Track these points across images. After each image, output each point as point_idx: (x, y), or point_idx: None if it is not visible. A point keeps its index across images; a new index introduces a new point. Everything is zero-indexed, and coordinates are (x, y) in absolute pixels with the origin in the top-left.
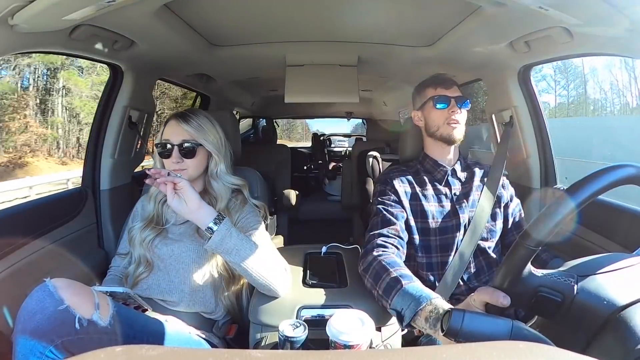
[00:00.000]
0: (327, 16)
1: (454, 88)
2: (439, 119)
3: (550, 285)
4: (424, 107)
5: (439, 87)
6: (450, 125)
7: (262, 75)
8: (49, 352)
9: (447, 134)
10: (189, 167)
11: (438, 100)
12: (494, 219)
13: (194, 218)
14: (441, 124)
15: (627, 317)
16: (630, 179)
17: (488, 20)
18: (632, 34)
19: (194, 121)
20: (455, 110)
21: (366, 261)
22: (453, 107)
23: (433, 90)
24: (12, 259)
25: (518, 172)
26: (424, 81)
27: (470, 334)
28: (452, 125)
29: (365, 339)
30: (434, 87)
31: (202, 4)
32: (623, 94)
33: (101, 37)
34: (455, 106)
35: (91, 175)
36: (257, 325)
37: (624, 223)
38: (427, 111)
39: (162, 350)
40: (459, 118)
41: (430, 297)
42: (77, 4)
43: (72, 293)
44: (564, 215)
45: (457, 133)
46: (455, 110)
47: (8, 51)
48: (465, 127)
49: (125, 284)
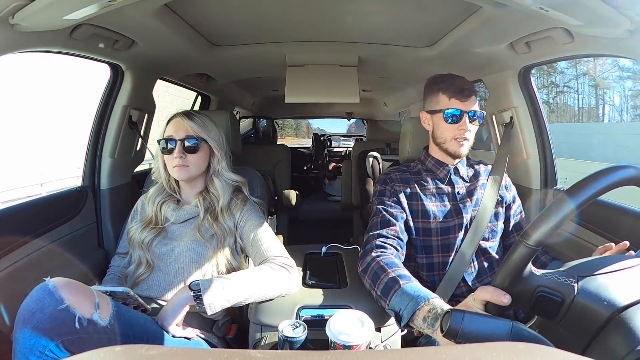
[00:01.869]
0: (327, 16)
1: (470, 99)
2: (447, 132)
3: (551, 285)
4: (434, 114)
5: (453, 98)
6: (458, 141)
7: (262, 75)
8: (48, 351)
9: (452, 150)
10: (191, 164)
11: (450, 115)
12: (496, 219)
13: (176, 302)
14: (449, 139)
15: (628, 317)
16: (630, 180)
17: (488, 21)
18: (632, 35)
19: (197, 118)
20: (465, 128)
21: (365, 262)
22: (464, 125)
23: (447, 99)
24: (12, 258)
25: (518, 172)
26: (438, 79)
27: (469, 335)
28: (459, 142)
29: (364, 340)
30: (448, 96)
31: (202, 4)
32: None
33: (102, 37)
34: (467, 123)
35: (91, 175)
36: (256, 325)
37: (625, 224)
38: (436, 119)
39: (161, 350)
40: (469, 135)
41: (429, 296)
42: (78, 3)
43: (72, 292)
44: (565, 216)
45: (464, 150)
46: (466, 128)
47: (8, 50)
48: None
49: (125, 283)
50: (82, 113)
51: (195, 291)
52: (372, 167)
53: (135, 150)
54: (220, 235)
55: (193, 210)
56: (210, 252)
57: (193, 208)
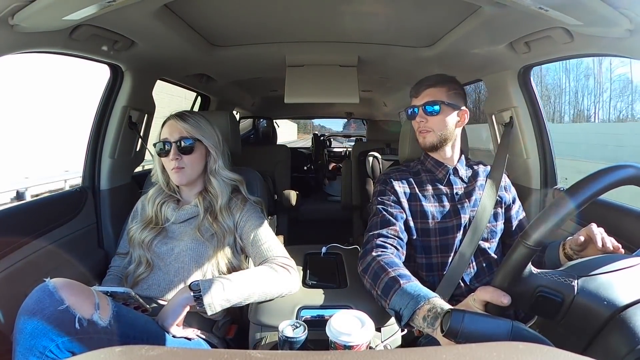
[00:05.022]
0: (327, 16)
1: (424, 93)
2: (415, 128)
3: (550, 285)
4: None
5: (412, 97)
6: (421, 134)
7: (262, 76)
8: (48, 351)
9: (420, 143)
10: (187, 165)
11: (409, 112)
12: (495, 220)
13: (176, 302)
14: (417, 133)
15: (628, 317)
16: (630, 180)
17: (488, 21)
18: (632, 35)
19: (191, 119)
20: (418, 121)
21: (365, 261)
22: (418, 118)
23: (410, 100)
24: (12, 258)
25: (518, 172)
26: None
27: (470, 335)
28: (422, 135)
29: (365, 340)
30: (411, 98)
31: (202, 4)
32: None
33: (101, 37)
34: (422, 116)
35: (91, 175)
36: (256, 325)
37: (625, 223)
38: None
39: (161, 351)
40: (427, 126)
41: (429, 296)
42: (78, 4)
43: (72, 293)
44: (565, 216)
45: (427, 141)
46: (421, 121)
47: (8, 51)
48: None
49: (125, 283)
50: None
51: (195, 291)
52: (372, 167)
53: (135, 151)
54: (220, 235)
55: (193, 210)
56: (211, 252)
57: (193, 208)
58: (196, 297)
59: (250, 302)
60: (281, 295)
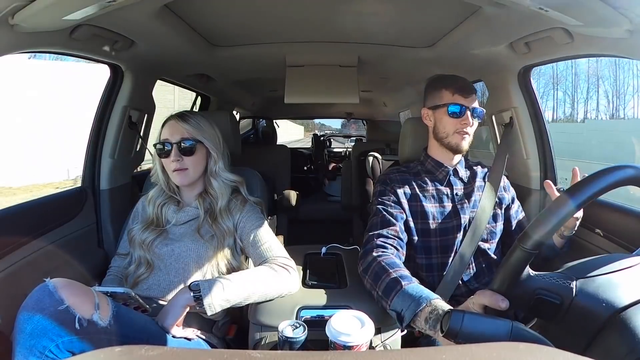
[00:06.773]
0: (327, 17)
1: (472, 97)
2: (450, 126)
3: (549, 288)
4: (436, 109)
5: (457, 94)
6: (461, 135)
7: (262, 76)
8: (48, 351)
9: (455, 144)
10: (188, 167)
11: (454, 109)
12: (494, 220)
13: (176, 302)
14: (451, 132)
15: (627, 318)
16: (630, 180)
17: (488, 21)
18: (632, 35)
19: (192, 120)
20: (467, 122)
21: (365, 262)
22: (466, 119)
23: (450, 95)
24: (12, 258)
25: (518, 173)
26: (441, 78)
27: (469, 335)
28: (462, 136)
29: (364, 340)
30: (451, 92)
31: (202, 4)
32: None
33: (101, 37)
34: (469, 118)
35: (91, 175)
36: (256, 325)
37: (624, 224)
38: (439, 114)
39: (161, 351)
40: (470, 130)
41: (430, 297)
42: (78, 3)
43: (72, 293)
44: (564, 217)
45: (465, 144)
46: (468, 122)
47: (8, 51)
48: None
49: (125, 284)
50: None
51: (195, 292)
52: (372, 168)
53: (135, 151)
54: (219, 236)
55: (193, 212)
56: (211, 252)
57: (193, 209)
58: (196, 297)
59: (250, 302)
60: (281, 295)
